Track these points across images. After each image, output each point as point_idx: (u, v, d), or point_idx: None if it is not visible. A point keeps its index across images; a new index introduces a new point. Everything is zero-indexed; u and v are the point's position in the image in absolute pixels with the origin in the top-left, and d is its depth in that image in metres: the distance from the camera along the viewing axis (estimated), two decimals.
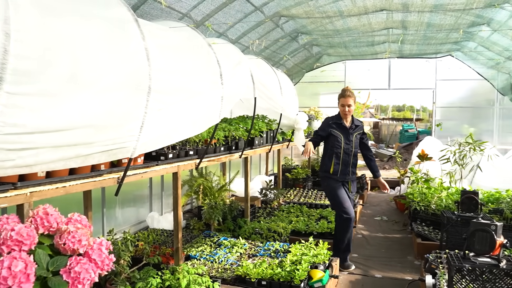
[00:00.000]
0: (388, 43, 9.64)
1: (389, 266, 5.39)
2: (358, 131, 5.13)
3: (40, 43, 2.22)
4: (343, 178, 5.09)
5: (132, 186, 6.09)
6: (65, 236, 2.03)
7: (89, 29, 2.57)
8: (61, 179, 2.77)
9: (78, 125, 2.53)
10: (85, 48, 2.51)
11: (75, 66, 2.42)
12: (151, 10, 4.99)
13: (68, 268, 1.93)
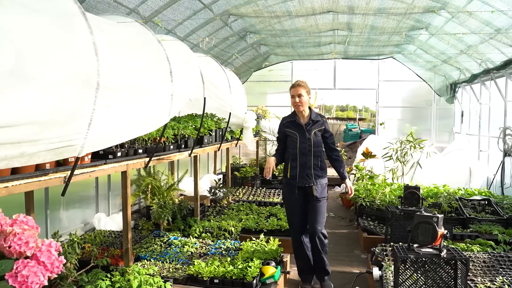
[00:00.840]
0: (334, 44, 9.90)
1: (337, 260, 5.54)
2: (317, 128, 4.41)
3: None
4: (303, 183, 4.39)
5: (78, 186, 5.86)
6: (10, 238, 1.92)
7: (33, 22, 2.44)
8: (3, 179, 2.62)
9: (22, 121, 2.40)
10: (28, 41, 2.39)
11: (18, 59, 2.30)
12: (97, 3, 4.82)
13: (15, 272, 1.83)
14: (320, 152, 4.40)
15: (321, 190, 4.44)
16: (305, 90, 4.36)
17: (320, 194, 4.42)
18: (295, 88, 4.37)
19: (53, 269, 1.97)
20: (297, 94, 4.33)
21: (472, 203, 6.86)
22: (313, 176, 4.37)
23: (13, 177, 2.70)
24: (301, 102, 4.34)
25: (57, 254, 2.02)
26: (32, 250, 1.94)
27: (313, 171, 4.37)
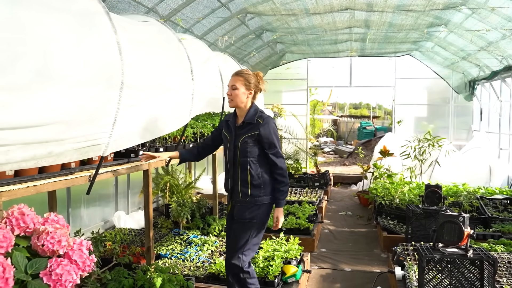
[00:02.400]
0: (350, 42, 9.82)
1: (357, 259, 5.50)
2: (250, 132, 3.28)
3: (8, 35, 2.11)
4: (232, 200, 3.43)
5: (97, 185, 5.85)
6: (43, 237, 1.93)
7: (59, 22, 2.46)
8: (31, 178, 2.65)
9: (49, 121, 2.42)
10: (55, 41, 2.40)
11: (45, 59, 2.32)
12: (118, 3, 4.84)
13: (49, 271, 1.84)
14: (250, 164, 3.28)
15: (242, 211, 3.32)
16: (243, 82, 3.32)
17: (240, 214, 3.33)
18: (232, 77, 3.39)
19: (84, 268, 1.98)
20: (231, 85, 3.35)
21: (493, 202, 6.75)
22: (240, 194, 3.31)
23: (40, 176, 2.73)
24: (234, 96, 3.32)
25: (88, 252, 2.03)
26: (64, 249, 1.95)
27: (241, 187, 3.31)
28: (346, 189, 10.93)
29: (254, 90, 3.37)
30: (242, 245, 3.30)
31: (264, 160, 3.33)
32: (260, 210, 3.33)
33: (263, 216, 3.36)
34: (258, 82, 3.40)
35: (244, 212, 3.31)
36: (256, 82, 3.38)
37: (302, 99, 12.13)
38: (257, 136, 3.27)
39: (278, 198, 3.33)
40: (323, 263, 5.33)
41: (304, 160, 12.04)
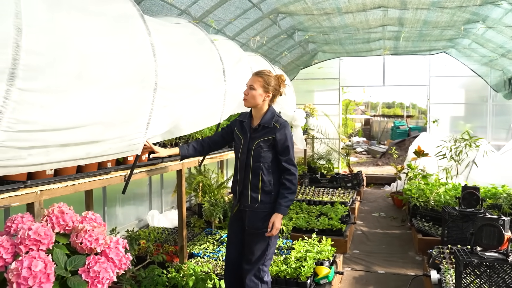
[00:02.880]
0: (383, 40, 9.66)
1: (391, 261, 5.41)
2: (265, 136, 3.18)
3: (49, 38, 2.17)
4: (240, 204, 3.32)
5: (132, 184, 5.99)
6: (81, 235, 1.98)
7: (95, 25, 2.50)
8: (70, 177, 2.73)
9: (87, 122, 2.48)
10: (92, 45, 2.45)
11: (83, 62, 2.37)
12: (152, 6, 4.93)
13: (87, 268, 1.89)
14: (262, 169, 3.18)
15: (255, 220, 3.20)
16: (262, 83, 3.19)
17: (252, 224, 3.21)
18: (251, 77, 3.28)
19: (121, 266, 2.03)
20: (249, 84, 3.24)
21: None
22: (250, 200, 3.20)
23: (78, 176, 2.81)
24: (250, 96, 3.21)
25: (124, 251, 2.07)
26: (102, 247, 2.00)
27: (250, 192, 3.20)
28: (379, 190, 10.75)
29: (272, 93, 3.24)
30: (260, 256, 3.20)
31: (276, 166, 3.23)
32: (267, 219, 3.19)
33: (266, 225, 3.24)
34: (278, 86, 3.27)
35: (258, 222, 3.18)
36: (276, 85, 3.25)
37: (334, 99, 12.01)
38: (273, 141, 3.17)
39: (280, 204, 3.13)
40: (356, 265, 5.27)
41: (336, 160, 11.93)
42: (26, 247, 1.83)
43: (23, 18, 1.94)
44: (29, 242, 1.83)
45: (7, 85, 1.83)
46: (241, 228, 3.34)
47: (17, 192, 2.31)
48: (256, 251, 3.20)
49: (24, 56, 1.97)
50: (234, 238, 3.38)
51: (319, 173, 10.34)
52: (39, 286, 1.72)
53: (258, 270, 3.20)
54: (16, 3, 1.91)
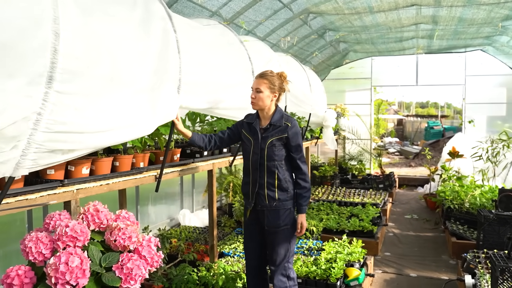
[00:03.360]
0: (416, 39, 9.48)
1: (423, 265, 5.30)
2: (276, 135, 3.20)
3: (85, 42, 2.23)
4: (254, 205, 3.27)
5: (164, 183, 6.11)
6: (115, 232, 2.04)
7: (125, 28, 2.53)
8: (104, 177, 2.81)
9: (121, 125, 2.54)
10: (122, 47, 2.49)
11: (114, 65, 2.41)
12: (184, 8, 5.02)
13: (120, 264, 1.95)
14: (277, 167, 3.20)
15: (274, 219, 3.21)
16: (268, 85, 3.20)
17: (271, 223, 3.22)
18: (256, 79, 3.27)
19: (153, 263, 2.07)
20: (255, 87, 3.22)
21: None
22: (267, 199, 3.20)
23: (112, 175, 2.89)
24: (257, 99, 3.20)
25: (156, 249, 2.12)
26: (135, 245, 2.05)
27: (267, 191, 3.21)
28: (412, 192, 10.55)
29: (278, 92, 3.26)
30: (284, 254, 3.24)
31: (289, 163, 3.27)
32: (291, 214, 3.27)
33: (294, 216, 3.31)
34: (282, 83, 3.29)
35: (277, 220, 3.20)
36: (280, 84, 3.27)
37: (366, 99, 11.86)
38: (285, 139, 3.20)
39: (301, 204, 3.23)
40: (387, 267, 5.19)
41: (368, 161, 11.77)
42: (63, 243, 1.90)
43: (61, 23, 2.00)
44: (66, 239, 1.91)
45: (46, 87, 1.90)
46: (257, 230, 3.34)
47: (55, 190, 2.39)
48: (280, 250, 3.22)
49: (61, 60, 2.03)
50: (252, 242, 3.39)
51: (350, 174, 10.24)
52: (76, 281, 1.78)
53: (284, 269, 3.24)
54: (54, 9, 1.98)
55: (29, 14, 1.82)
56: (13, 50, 1.76)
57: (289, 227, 3.23)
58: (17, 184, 2.22)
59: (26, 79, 1.83)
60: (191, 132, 3.39)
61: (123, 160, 3.01)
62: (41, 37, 1.88)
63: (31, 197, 2.24)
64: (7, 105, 1.78)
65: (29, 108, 1.88)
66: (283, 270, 3.24)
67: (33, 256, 1.89)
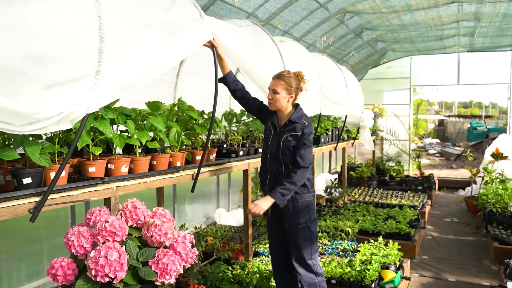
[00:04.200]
0: (458, 37, 9.21)
1: (463, 270, 5.15)
2: (290, 132, 3.21)
3: (125, 47, 2.31)
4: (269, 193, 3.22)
5: (201, 183, 6.22)
6: (152, 229, 2.12)
7: (160, 33, 2.60)
8: (142, 175, 2.90)
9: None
10: (157, 51, 2.56)
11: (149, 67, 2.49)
12: (220, 10, 5.10)
13: (156, 260, 2.02)
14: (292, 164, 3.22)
15: (294, 216, 3.22)
16: (284, 86, 3.18)
17: (291, 221, 3.23)
18: (273, 80, 3.24)
19: (187, 259, 2.14)
20: (272, 88, 3.22)
21: None
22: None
23: (150, 174, 2.98)
24: (274, 100, 3.21)
25: (190, 246, 2.19)
26: (170, 241, 2.12)
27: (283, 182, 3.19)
28: (453, 194, 10.25)
29: (295, 93, 3.24)
30: (307, 251, 3.25)
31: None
32: (311, 210, 3.27)
33: (314, 213, 3.31)
34: (299, 84, 3.26)
35: (297, 218, 3.22)
36: (297, 84, 3.24)
37: (404, 99, 11.63)
38: (297, 136, 3.18)
39: (277, 191, 3.08)
40: (424, 271, 5.08)
41: (406, 162, 11.53)
42: (103, 238, 2.00)
43: (105, 30, 2.09)
44: (106, 233, 2.00)
45: (95, 79, 2.08)
46: (279, 227, 3.36)
47: (96, 187, 2.50)
48: (302, 247, 3.24)
49: (105, 59, 2.13)
50: (275, 240, 3.42)
51: (388, 175, 10.06)
52: (114, 274, 1.87)
53: (310, 266, 3.26)
54: (100, 17, 2.07)
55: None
56: None
57: (309, 224, 3.26)
58: (61, 181, 2.34)
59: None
60: (229, 70, 3.40)
61: (160, 159, 3.10)
62: (88, 42, 2.03)
63: (74, 194, 2.35)
64: None
65: None
66: (309, 267, 3.27)
67: (75, 249, 1.99)
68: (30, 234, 3.92)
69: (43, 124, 1.96)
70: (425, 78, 11.58)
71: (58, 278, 1.95)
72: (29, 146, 2.14)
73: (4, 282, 3.64)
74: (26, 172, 2.18)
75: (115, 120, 2.79)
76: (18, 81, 1.83)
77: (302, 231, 3.23)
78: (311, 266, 3.27)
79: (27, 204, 2.11)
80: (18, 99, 1.83)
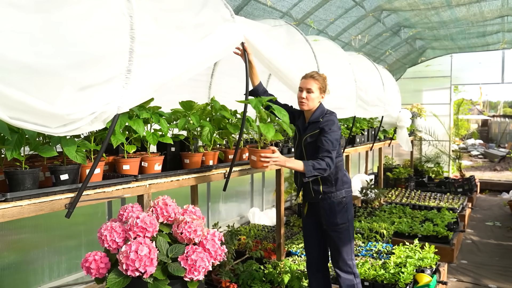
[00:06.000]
0: (502, 33, 8.85)
1: (505, 276, 4.95)
2: (311, 131, 3.17)
3: (155, 47, 2.35)
4: (303, 197, 3.35)
5: (234, 182, 6.30)
6: (182, 225, 2.16)
7: (192, 35, 2.63)
8: (175, 173, 2.96)
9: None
10: (190, 49, 2.59)
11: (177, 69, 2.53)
12: (254, 10, 5.12)
13: (186, 256, 2.05)
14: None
15: (331, 214, 3.17)
16: (318, 86, 3.17)
17: (329, 222, 3.18)
18: (306, 79, 3.19)
19: (216, 257, 2.16)
20: (306, 87, 3.16)
21: None
22: (312, 191, 3.21)
23: (182, 172, 3.03)
24: (307, 99, 3.16)
25: (219, 243, 2.21)
26: (199, 238, 2.15)
27: (311, 185, 3.19)
28: (496, 197, 9.86)
29: (324, 94, 3.24)
30: (347, 251, 3.22)
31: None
32: (348, 209, 3.22)
33: (351, 211, 3.24)
34: (326, 85, 3.26)
35: (334, 219, 3.17)
36: (326, 86, 3.25)
37: (444, 98, 11.30)
38: (318, 132, 3.10)
39: (310, 161, 2.97)
40: (462, 276, 4.91)
41: (446, 163, 11.19)
42: (134, 233, 2.05)
43: (136, 29, 2.15)
44: (137, 229, 2.05)
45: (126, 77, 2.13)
46: (315, 226, 3.33)
47: (129, 184, 2.57)
48: (342, 248, 3.21)
49: (136, 58, 2.19)
50: (310, 240, 3.38)
51: (427, 176, 9.80)
52: (144, 269, 1.91)
53: (350, 267, 3.23)
54: (131, 17, 2.13)
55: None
56: None
57: (348, 224, 3.21)
58: (96, 178, 2.42)
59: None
60: (260, 81, 3.43)
61: (192, 157, 3.15)
62: (120, 42, 2.10)
63: (108, 190, 2.42)
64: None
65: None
66: (348, 268, 3.23)
67: (107, 244, 2.05)
68: (70, 230, 4.07)
69: (77, 125, 2.03)
70: (466, 76, 11.20)
71: (91, 271, 2.02)
72: (66, 144, 2.23)
73: (46, 273, 3.80)
74: (63, 169, 2.27)
75: (149, 119, 2.86)
76: (54, 84, 1.90)
77: (341, 232, 3.20)
78: (351, 267, 3.24)
79: (63, 200, 2.19)
80: (54, 102, 1.90)
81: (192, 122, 3.09)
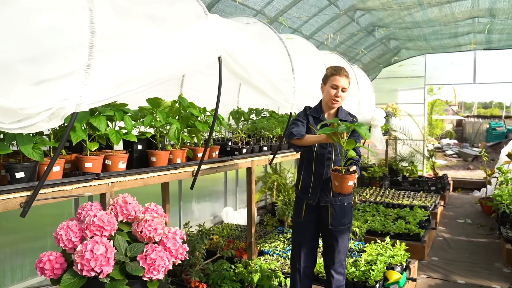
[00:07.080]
0: (473, 34, 9.02)
1: (474, 272, 5.03)
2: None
3: (118, 41, 2.28)
4: (315, 200, 3.18)
5: (208, 181, 6.25)
6: (142, 224, 2.10)
7: (160, 28, 2.58)
8: (140, 171, 2.89)
9: None
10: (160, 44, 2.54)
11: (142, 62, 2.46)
12: (225, 7, 5.07)
13: (144, 255, 2.00)
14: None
15: (340, 214, 3.16)
16: (349, 84, 3.16)
17: (337, 221, 3.15)
18: (341, 77, 3.09)
19: (177, 255, 2.12)
20: (342, 86, 3.09)
21: None
22: (331, 194, 3.14)
23: (148, 170, 2.96)
24: (341, 98, 3.14)
25: (181, 242, 2.16)
26: (160, 237, 2.10)
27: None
28: (468, 195, 10.05)
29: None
30: (344, 251, 3.22)
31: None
32: (352, 210, 3.28)
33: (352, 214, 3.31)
34: None
35: (343, 218, 3.16)
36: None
37: (419, 98, 11.46)
38: (353, 132, 2.99)
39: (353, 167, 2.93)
40: (432, 272, 4.97)
41: (420, 162, 11.35)
42: (91, 232, 1.98)
43: (96, 23, 2.08)
44: (94, 228, 1.99)
45: (85, 73, 2.06)
46: (315, 230, 3.26)
47: (91, 183, 2.49)
48: (342, 247, 3.19)
49: (96, 53, 2.12)
50: (311, 244, 3.28)
51: (401, 175, 9.91)
52: (100, 268, 1.85)
53: (343, 266, 3.23)
54: (91, 11, 2.06)
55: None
56: None
57: (350, 224, 3.25)
58: (55, 176, 2.34)
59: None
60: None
61: (159, 155, 3.08)
62: (80, 35, 2.03)
63: (67, 188, 2.34)
64: None
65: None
66: (342, 270, 3.22)
67: (63, 243, 1.99)
68: (35, 231, 3.96)
69: (33, 121, 1.95)
70: (440, 76, 11.38)
71: (45, 271, 1.95)
72: (22, 141, 2.14)
73: (8, 277, 3.68)
74: (18, 167, 2.18)
75: (113, 117, 2.78)
76: (7, 78, 1.83)
77: (344, 232, 3.19)
78: (343, 267, 3.24)
79: (18, 198, 2.11)
80: (8, 96, 1.82)
81: (159, 120, 3.03)
